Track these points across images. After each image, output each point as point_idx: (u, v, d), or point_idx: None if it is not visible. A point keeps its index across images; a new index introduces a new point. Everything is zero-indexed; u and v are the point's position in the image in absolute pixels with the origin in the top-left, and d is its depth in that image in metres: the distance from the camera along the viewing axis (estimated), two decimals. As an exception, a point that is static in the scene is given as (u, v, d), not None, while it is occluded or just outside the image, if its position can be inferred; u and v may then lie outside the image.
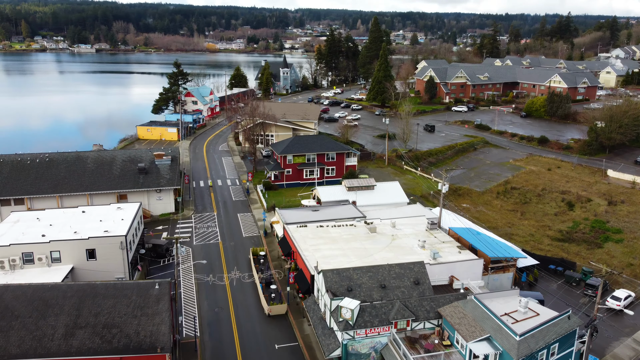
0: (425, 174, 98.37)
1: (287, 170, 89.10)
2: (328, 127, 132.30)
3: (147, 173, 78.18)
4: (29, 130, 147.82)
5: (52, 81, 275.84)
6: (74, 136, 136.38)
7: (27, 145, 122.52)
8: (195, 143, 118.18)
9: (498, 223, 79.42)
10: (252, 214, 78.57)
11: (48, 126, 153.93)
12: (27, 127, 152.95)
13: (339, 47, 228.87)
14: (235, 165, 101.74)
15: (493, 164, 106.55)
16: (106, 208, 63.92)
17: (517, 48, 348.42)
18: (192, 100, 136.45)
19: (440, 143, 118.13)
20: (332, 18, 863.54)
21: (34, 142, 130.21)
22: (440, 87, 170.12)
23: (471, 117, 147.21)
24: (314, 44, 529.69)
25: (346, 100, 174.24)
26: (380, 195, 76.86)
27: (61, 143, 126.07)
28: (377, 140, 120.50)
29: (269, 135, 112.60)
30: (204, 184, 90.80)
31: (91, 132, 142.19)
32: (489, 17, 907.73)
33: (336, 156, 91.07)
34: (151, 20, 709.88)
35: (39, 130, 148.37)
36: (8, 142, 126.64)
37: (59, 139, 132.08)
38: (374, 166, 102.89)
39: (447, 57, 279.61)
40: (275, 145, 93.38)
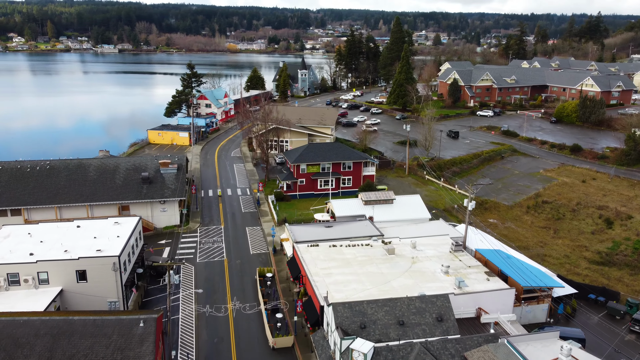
0: (449, 185, 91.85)
1: (301, 180, 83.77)
2: (346, 133, 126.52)
3: (151, 183, 73.74)
4: (42, 131, 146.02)
5: (74, 81, 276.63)
6: (87, 138, 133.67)
7: (35, 148, 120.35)
8: (207, 148, 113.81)
9: (529, 242, 72.64)
10: (261, 227, 73.44)
11: (63, 128, 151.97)
12: (42, 128, 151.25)
13: (359, 48, 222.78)
14: (247, 173, 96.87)
15: (522, 175, 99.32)
16: (103, 223, 59.51)
17: (544, 49, 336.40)
18: (205, 104, 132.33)
19: (465, 151, 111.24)
20: (354, 18, 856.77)
21: (43, 144, 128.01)
22: (465, 90, 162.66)
23: (497, 123, 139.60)
24: (335, 45, 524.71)
25: (365, 103, 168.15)
26: (400, 210, 70.89)
27: (72, 145, 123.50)
28: (397, 147, 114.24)
29: (283, 141, 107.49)
30: (213, 194, 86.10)
31: (106, 134, 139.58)
32: (514, 17, 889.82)
33: (353, 165, 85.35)
34: (173, 21, 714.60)
35: (52, 131, 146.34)
36: (15, 145, 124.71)
37: (71, 142, 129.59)
38: (394, 176, 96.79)
39: (471, 59, 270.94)
40: (289, 153, 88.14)
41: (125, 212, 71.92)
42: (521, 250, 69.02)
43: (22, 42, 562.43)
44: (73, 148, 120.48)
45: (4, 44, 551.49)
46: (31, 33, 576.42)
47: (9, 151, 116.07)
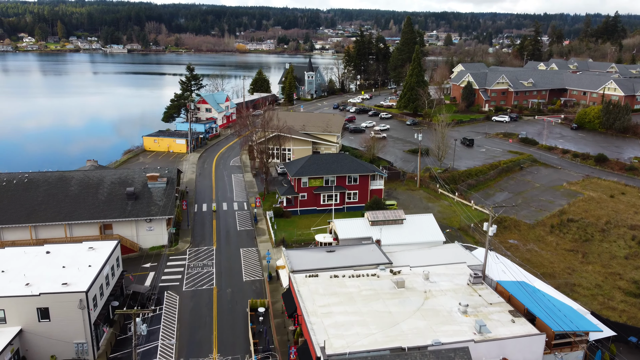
0: (464, 199, 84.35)
1: (302, 195, 76.83)
2: (353, 139, 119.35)
3: (137, 199, 67.27)
4: (32, 136, 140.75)
5: (79, 82, 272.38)
6: (80, 144, 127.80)
7: (18, 156, 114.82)
8: (206, 156, 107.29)
9: (555, 268, 64.99)
10: (257, 249, 66.62)
11: (57, 132, 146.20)
12: (34, 132, 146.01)
13: (368, 49, 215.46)
14: (246, 185, 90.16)
15: (544, 188, 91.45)
16: (76, 248, 53.03)
17: (560, 50, 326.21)
18: (206, 108, 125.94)
19: (481, 160, 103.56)
20: (365, 18, 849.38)
21: (29, 151, 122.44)
22: (479, 94, 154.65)
23: (514, 129, 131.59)
24: (345, 45, 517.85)
25: (374, 107, 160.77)
26: (411, 231, 63.65)
27: (63, 152, 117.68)
28: (408, 156, 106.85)
29: (285, 149, 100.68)
30: (207, 208, 79.47)
31: (102, 139, 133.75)
32: (527, 17, 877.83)
33: (359, 179, 78.23)
34: (183, 21, 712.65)
35: (43, 136, 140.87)
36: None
37: (63, 147, 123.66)
38: (404, 188, 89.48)
39: (484, 60, 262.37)
40: (289, 165, 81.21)
41: (108, 231, 65.55)
42: (547, 278, 61.55)
43: (32, 42, 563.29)
44: (62, 155, 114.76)
45: (14, 44, 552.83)
46: (41, 33, 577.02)
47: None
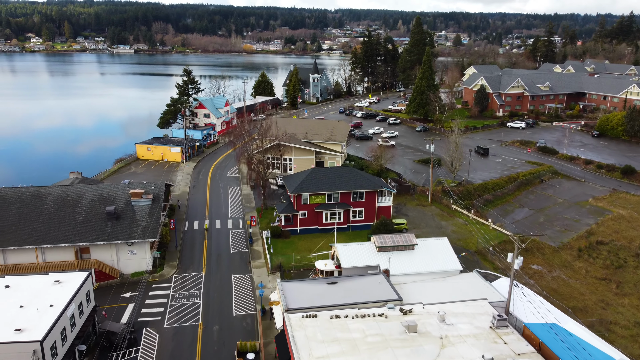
0: (481, 217, 76.92)
1: (302, 213, 69.84)
2: (359, 147, 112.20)
3: (119, 219, 60.64)
4: (20, 142, 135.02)
5: (82, 83, 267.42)
6: (73, 150, 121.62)
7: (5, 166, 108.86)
8: (202, 166, 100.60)
9: (586, 300, 57.47)
10: (250, 275, 59.71)
11: (48, 138, 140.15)
12: (21, 138, 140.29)
13: (376, 50, 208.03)
14: (243, 199, 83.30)
15: (568, 204, 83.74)
16: (40, 281, 46.43)
17: (574, 51, 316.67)
18: (204, 113, 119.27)
19: (497, 172, 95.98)
20: (373, 18, 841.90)
21: (15, 159, 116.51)
22: (493, 98, 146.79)
23: (531, 136, 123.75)
24: (353, 45, 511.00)
25: (382, 112, 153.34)
26: (423, 259, 56.43)
27: (51, 160, 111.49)
28: (418, 167, 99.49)
29: (286, 159, 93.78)
30: (199, 226, 72.70)
31: (94, 145, 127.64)
32: (537, 17, 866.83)
33: (366, 195, 71.10)
34: (190, 21, 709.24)
35: (33, 143, 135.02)
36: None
37: (53, 155, 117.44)
38: (414, 204, 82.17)
39: (496, 61, 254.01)
40: (288, 179, 74.19)
41: (85, 255, 58.97)
42: (578, 313, 54.09)
43: (39, 43, 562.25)
44: (48, 164, 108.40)
45: (21, 44, 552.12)
46: (48, 33, 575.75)
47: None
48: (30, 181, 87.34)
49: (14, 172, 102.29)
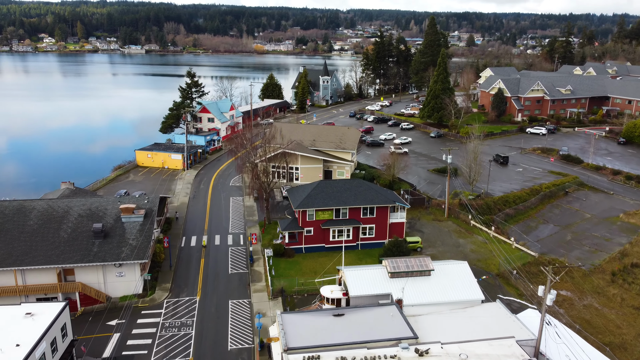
0: (502, 235, 70.74)
1: (307, 230, 64.32)
2: (370, 155, 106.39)
3: (107, 237, 55.67)
4: (17, 147, 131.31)
5: (90, 84, 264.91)
6: (71, 157, 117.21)
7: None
8: (203, 174, 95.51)
9: (624, 335, 51.16)
10: (249, 301, 54.34)
11: (48, 143, 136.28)
12: (22, 144, 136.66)
13: (388, 51, 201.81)
14: (245, 211, 77.99)
15: (596, 220, 77.17)
16: (10, 314, 41.47)
17: (592, 52, 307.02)
18: (208, 117, 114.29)
19: (518, 183, 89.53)
20: (385, 19, 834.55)
21: (9, 165, 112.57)
22: (512, 102, 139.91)
23: (553, 143, 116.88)
24: (365, 46, 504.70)
25: (394, 116, 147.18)
26: (441, 287, 50.54)
27: (49, 169, 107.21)
28: (433, 177, 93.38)
29: (292, 168, 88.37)
30: (197, 242, 67.51)
31: (95, 151, 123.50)
32: (551, 18, 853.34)
33: (377, 211, 65.35)
34: (201, 21, 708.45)
35: (30, 149, 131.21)
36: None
37: (51, 164, 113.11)
38: (430, 219, 76.20)
39: (512, 63, 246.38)
40: (293, 192, 68.68)
41: (69, 277, 54.06)
42: (616, 352, 47.97)
43: (52, 43, 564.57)
44: (44, 171, 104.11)
45: (34, 44, 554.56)
46: (61, 34, 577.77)
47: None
48: (22, 190, 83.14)
49: (6, 179, 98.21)
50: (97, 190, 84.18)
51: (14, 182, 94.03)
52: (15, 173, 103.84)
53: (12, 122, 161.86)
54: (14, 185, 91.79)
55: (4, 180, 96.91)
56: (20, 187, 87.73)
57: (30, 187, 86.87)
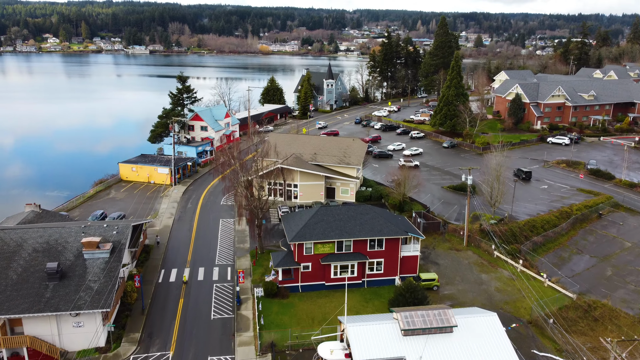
0: (532, 269, 60.98)
1: (304, 265, 54.91)
2: (377, 168, 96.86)
3: (63, 278, 46.60)
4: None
5: (86, 86, 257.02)
6: (49, 168, 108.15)
7: None
8: (193, 190, 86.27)
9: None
10: (233, 358, 44.99)
11: (25, 151, 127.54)
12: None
13: (396, 53, 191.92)
14: (236, 237, 68.67)
15: (639, 250, 67.20)
16: None
17: (608, 54, 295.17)
18: (201, 126, 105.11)
19: (545, 204, 79.58)
20: (391, 19, 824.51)
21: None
22: (530, 108, 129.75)
23: (578, 155, 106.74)
24: (371, 46, 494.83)
25: (403, 123, 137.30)
26: (466, 348, 41.10)
27: (18, 185, 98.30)
28: (448, 195, 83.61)
29: (291, 185, 79.03)
30: (177, 277, 58.27)
31: (81, 160, 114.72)
32: (560, 18, 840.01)
33: (386, 243, 55.85)
34: (206, 21, 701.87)
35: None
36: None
37: (23, 177, 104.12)
38: (446, 247, 66.55)
39: (526, 65, 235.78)
40: (287, 220, 59.23)
41: (17, 328, 45.02)
42: None
43: (56, 43, 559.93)
44: (11, 186, 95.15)
45: (38, 44, 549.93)
46: (66, 34, 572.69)
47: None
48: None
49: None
50: (72, 210, 75.30)
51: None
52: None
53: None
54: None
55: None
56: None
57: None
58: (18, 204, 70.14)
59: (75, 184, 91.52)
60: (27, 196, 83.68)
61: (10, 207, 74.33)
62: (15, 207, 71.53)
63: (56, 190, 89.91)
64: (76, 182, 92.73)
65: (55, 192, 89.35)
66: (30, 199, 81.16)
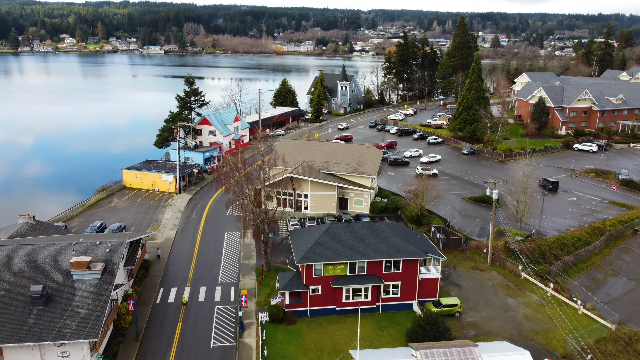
0: (563, 293, 55.46)
1: (314, 289, 50.22)
2: (394, 177, 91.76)
3: (49, 302, 42.61)
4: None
5: (98, 86, 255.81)
6: (52, 174, 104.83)
7: None
8: (198, 199, 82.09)
9: None
10: (232, 395, 40.48)
11: (28, 155, 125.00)
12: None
13: (413, 54, 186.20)
14: (242, 251, 64.25)
15: (682, 273, 61.24)
16: None
17: (632, 55, 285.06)
18: (209, 130, 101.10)
19: (575, 218, 73.76)
20: (407, 19, 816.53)
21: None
22: (555, 113, 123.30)
23: (607, 163, 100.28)
24: (386, 46, 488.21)
25: (420, 127, 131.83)
26: (495, 394, 35.99)
27: (16, 191, 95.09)
28: (469, 207, 78.18)
29: (301, 195, 74.44)
30: (176, 297, 54.02)
31: (86, 164, 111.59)
32: (579, 18, 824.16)
33: (403, 265, 50.92)
34: (221, 21, 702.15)
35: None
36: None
37: (22, 183, 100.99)
38: (468, 266, 61.30)
39: (548, 67, 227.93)
40: (295, 237, 54.53)
41: (-4, 357, 41.06)
42: None
43: (72, 43, 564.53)
44: (22, 189, 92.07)
45: (55, 44, 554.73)
46: (82, 34, 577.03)
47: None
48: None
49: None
50: (71, 220, 71.70)
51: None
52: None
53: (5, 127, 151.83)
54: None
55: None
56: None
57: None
58: (16, 211, 66.47)
59: (78, 189, 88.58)
60: (28, 202, 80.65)
61: (7, 214, 70.85)
62: (11, 215, 67.96)
63: (59, 196, 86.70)
64: (80, 187, 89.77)
65: (58, 197, 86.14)
66: (31, 205, 78.23)
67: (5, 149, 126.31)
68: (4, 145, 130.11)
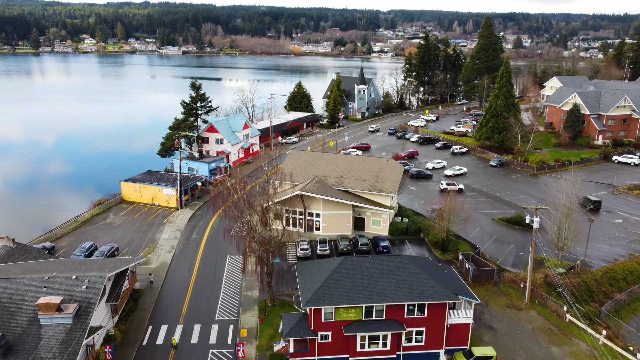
0: (615, 339, 47.01)
1: (323, 335, 42.80)
2: (415, 192, 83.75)
3: (8, 354, 36.05)
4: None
5: (110, 87, 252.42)
6: (47, 185, 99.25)
7: None
8: (201, 215, 75.24)
9: None
10: None
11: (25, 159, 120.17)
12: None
13: (434, 56, 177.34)
14: (244, 280, 57.11)
15: None
16: None
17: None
18: (216, 138, 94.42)
19: (623, 245, 64.91)
20: (426, 19, 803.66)
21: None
22: (591, 121, 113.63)
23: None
24: (405, 47, 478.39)
25: (443, 135, 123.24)
26: None
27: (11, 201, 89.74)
28: (500, 230, 69.81)
29: (312, 214, 67.08)
30: (165, 338, 47.11)
31: (87, 174, 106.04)
32: (604, 18, 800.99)
33: (429, 308, 43.17)
34: (239, 22, 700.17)
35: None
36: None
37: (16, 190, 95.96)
38: (502, 304, 53.15)
39: (578, 70, 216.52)
40: (302, 271, 47.02)
41: (-56, 419, 34.60)
42: None
43: (92, 44, 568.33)
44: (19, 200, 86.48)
45: (75, 45, 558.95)
46: (102, 35, 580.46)
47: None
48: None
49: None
50: (60, 239, 65.60)
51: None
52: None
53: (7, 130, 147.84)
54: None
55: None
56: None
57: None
58: (8, 228, 60.63)
59: (76, 200, 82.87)
60: (21, 216, 74.81)
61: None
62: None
63: (53, 209, 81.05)
64: (78, 197, 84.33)
65: (52, 210, 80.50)
66: (25, 218, 72.64)
67: (7, 152, 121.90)
68: (10, 147, 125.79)
